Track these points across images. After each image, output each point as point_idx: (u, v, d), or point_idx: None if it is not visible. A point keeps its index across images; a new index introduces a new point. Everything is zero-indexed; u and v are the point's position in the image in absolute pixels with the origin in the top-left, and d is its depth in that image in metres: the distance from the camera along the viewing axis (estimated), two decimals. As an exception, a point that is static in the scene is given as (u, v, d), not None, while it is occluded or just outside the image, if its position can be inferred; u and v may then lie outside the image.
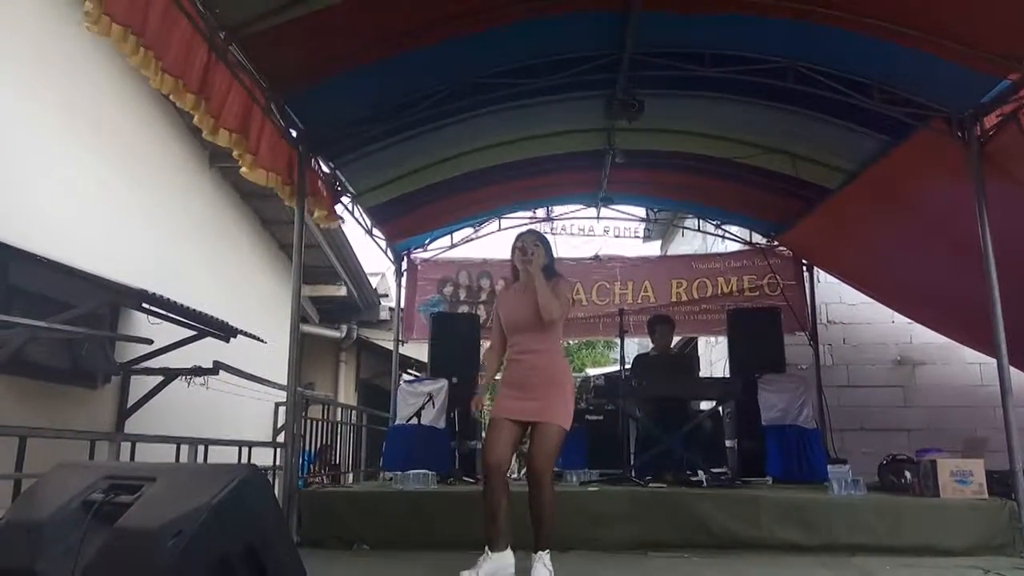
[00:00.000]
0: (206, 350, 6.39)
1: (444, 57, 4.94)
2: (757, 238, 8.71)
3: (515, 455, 3.90)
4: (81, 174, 5.88)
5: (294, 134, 5.03)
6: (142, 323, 6.00)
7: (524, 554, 3.52)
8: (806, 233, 7.66)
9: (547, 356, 3.67)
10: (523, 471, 4.90)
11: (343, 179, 6.16)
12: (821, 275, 8.44)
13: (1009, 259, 4.70)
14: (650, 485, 5.27)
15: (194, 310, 5.82)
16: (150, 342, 5.82)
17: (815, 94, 5.16)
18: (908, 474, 5.08)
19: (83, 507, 2.09)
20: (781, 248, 8.52)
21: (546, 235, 4.29)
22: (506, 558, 3.44)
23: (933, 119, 5.00)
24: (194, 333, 6.15)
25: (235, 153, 4.25)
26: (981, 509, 4.40)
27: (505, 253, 3.90)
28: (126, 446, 4.42)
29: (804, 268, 8.43)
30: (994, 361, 4.71)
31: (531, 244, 3.74)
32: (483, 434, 7.91)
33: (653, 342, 6.76)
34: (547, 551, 3.48)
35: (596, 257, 9.14)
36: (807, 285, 8.38)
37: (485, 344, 8.36)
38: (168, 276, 6.51)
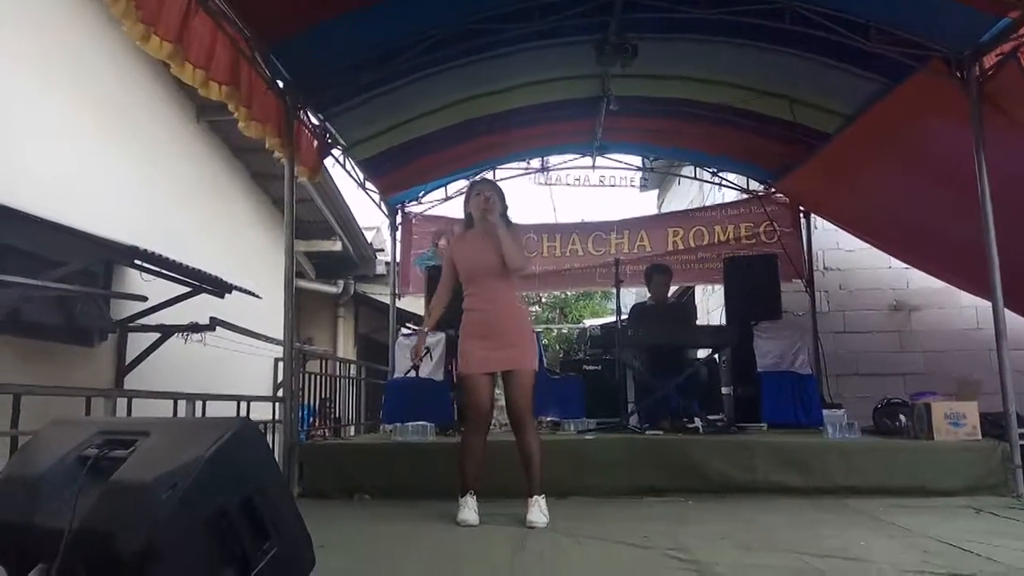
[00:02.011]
0: (204, 307, 6.39)
1: (434, 2, 4.83)
2: (754, 185, 8.64)
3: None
4: (69, 131, 5.79)
5: (281, 85, 4.93)
6: (136, 280, 5.99)
7: (519, 501, 3.59)
8: (803, 179, 7.59)
9: (510, 303, 3.76)
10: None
11: (333, 131, 6.07)
12: (818, 222, 8.40)
13: (1006, 201, 4.67)
14: (647, 433, 5.32)
15: (187, 266, 5.80)
16: (144, 299, 5.82)
17: (812, 36, 5.05)
18: (903, 417, 5.14)
19: (78, 462, 2.10)
20: (778, 195, 8.46)
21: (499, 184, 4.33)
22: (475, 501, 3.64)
23: (932, 59, 4.90)
24: (189, 290, 6.14)
25: (231, 107, 4.18)
26: (974, 450, 4.44)
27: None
28: (122, 403, 4.43)
29: (801, 215, 8.38)
30: (990, 304, 4.72)
31: (489, 193, 3.79)
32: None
33: (650, 291, 6.76)
34: (542, 495, 3.57)
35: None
36: (804, 232, 8.34)
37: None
38: (161, 233, 6.46)
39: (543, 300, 21.40)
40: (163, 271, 5.73)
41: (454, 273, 3.84)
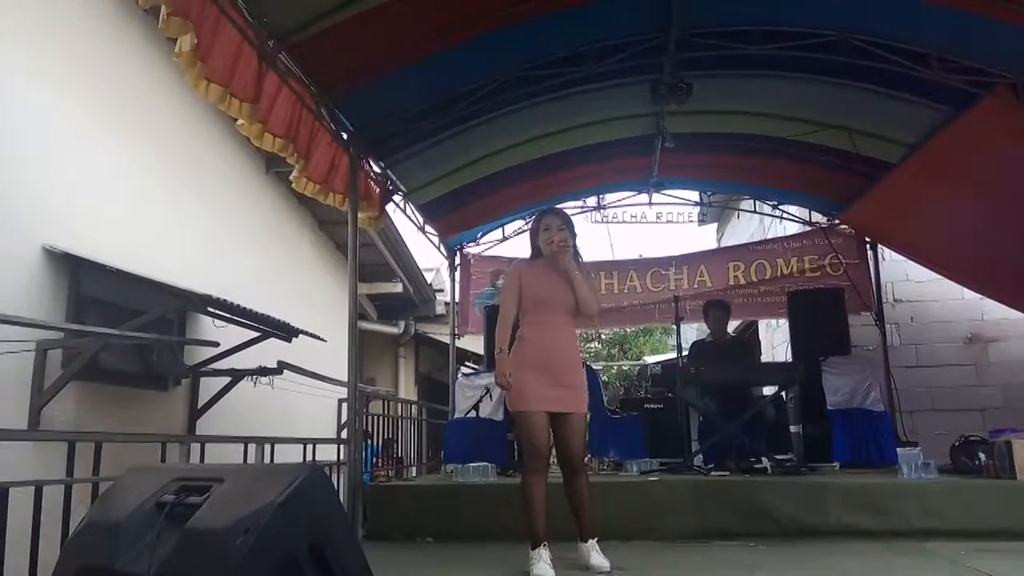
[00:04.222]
0: (271, 350, 6.57)
1: (490, 50, 4.95)
2: (817, 217, 8.49)
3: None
4: (144, 184, 6.09)
5: (344, 137, 5.11)
6: (208, 327, 6.19)
7: (567, 545, 3.50)
8: (868, 210, 7.43)
9: (574, 340, 3.70)
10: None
11: (394, 178, 6.23)
12: (886, 253, 8.19)
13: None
14: (712, 473, 5.21)
15: (257, 312, 5.98)
16: (216, 345, 6.00)
17: (871, 66, 4.99)
18: (982, 455, 4.90)
19: (156, 508, 2.17)
20: (842, 226, 8.29)
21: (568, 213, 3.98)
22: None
23: (997, 86, 4.79)
24: (258, 335, 6.32)
25: (288, 158, 4.36)
26: (1062, 491, 4.22)
27: None
28: (195, 446, 4.58)
29: (868, 246, 8.19)
30: (1072, 336, 4.52)
31: (558, 227, 3.60)
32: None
33: (708, 327, 6.68)
34: (596, 538, 3.49)
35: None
36: (871, 263, 8.13)
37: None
38: (232, 280, 6.70)
39: (603, 337, 21.26)
40: (234, 318, 5.92)
41: (519, 299, 3.61)
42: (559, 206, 8.39)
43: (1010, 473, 4.41)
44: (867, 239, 8.19)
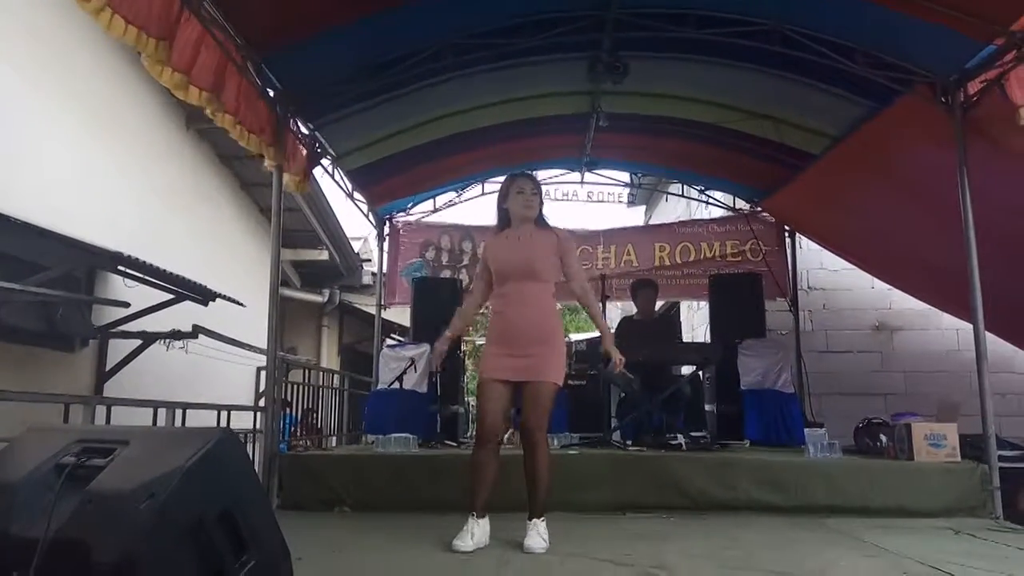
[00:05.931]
0: (187, 314, 6.34)
1: (427, 16, 4.83)
2: (741, 204, 8.70)
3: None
4: (54, 134, 5.75)
5: (271, 94, 4.92)
6: (119, 286, 5.94)
7: (513, 516, 3.45)
8: (789, 199, 7.65)
9: (540, 310, 3.47)
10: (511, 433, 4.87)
11: (323, 141, 6.05)
12: (804, 241, 8.47)
13: (988, 225, 4.73)
14: (630, 448, 5.32)
15: (171, 273, 5.76)
16: (127, 305, 5.76)
17: (800, 58, 5.10)
18: (883, 437, 5.17)
19: (55, 470, 2.07)
20: (764, 214, 8.53)
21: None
22: (487, 525, 3.35)
23: (917, 84, 4.96)
24: (172, 297, 6.09)
25: (209, 111, 4.15)
26: (954, 472, 4.47)
27: (488, 217, 3.80)
28: (101, 410, 4.38)
29: (787, 234, 8.45)
30: (971, 326, 4.77)
31: (531, 191, 3.59)
32: (466, 398, 7.98)
33: (636, 306, 6.79)
34: (542, 519, 3.34)
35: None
36: (789, 251, 8.41)
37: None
38: (146, 239, 6.41)
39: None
40: (146, 278, 5.68)
41: (488, 275, 3.57)
42: (495, 180, 8.39)
43: (908, 455, 4.65)
44: (786, 227, 8.45)
